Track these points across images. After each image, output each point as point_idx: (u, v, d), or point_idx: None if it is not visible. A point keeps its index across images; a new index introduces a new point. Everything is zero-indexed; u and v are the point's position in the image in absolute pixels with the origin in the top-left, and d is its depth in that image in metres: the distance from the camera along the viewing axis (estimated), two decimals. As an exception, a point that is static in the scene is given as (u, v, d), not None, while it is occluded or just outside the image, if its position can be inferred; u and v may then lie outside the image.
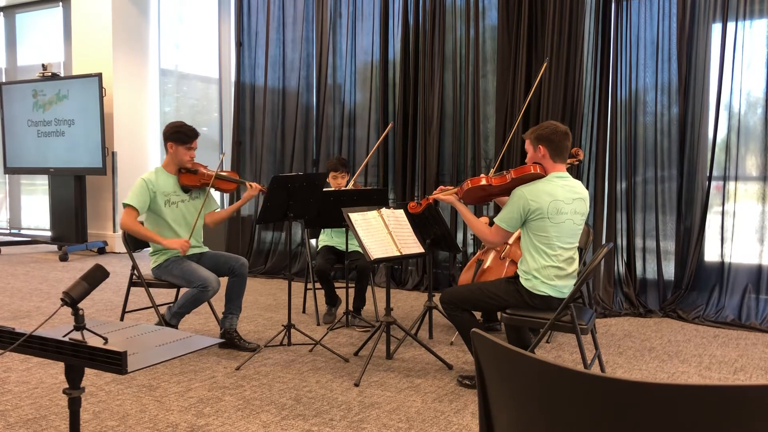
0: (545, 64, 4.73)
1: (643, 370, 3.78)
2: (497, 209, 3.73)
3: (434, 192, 3.61)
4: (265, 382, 3.49)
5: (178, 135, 4.06)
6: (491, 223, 3.40)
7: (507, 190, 3.38)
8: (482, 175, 3.44)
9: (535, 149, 3.31)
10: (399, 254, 3.62)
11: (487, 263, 4.38)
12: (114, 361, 1.59)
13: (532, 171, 3.29)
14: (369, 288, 4.94)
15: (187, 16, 8.52)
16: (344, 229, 4.71)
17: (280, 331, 4.13)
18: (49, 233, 8.55)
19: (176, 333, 1.98)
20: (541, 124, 3.37)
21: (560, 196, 3.23)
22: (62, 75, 8.70)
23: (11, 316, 4.93)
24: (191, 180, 4.10)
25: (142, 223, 4.05)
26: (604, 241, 5.35)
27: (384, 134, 5.50)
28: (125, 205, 3.94)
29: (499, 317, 4.48)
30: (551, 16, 5.36)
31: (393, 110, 6.37)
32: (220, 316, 4.14)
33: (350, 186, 4.95)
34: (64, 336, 1.71)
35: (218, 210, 4.30)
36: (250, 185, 4.15)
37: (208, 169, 4.18)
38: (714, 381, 3.57)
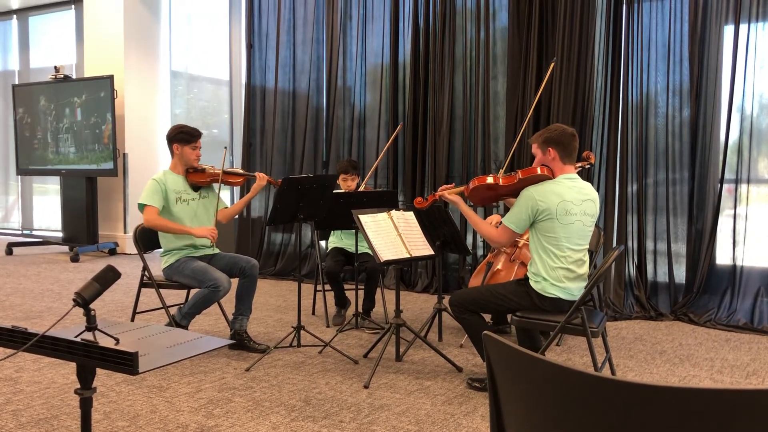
0: (552, 64, 4.71)
1: (654, 374, 3.76)
2: (508, 210, 3.74)
3: (440, 189, 3.59)
4: (274, 383, 3.49)
5: (182, 135, 4.10)
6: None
7: (515, 191, 3.37)
8: (491, 174, 3.43)
9: (544, 152, 3.31)
10: (408, 256, 3.62)
11: (498, 266, 4.37)
12: (126, 362, 1.60)
13: (540, 172, 3.29)
14: (378, 290, 4.94)
15: (197, 19, 8.56)
16: (354, 230, 4.72)
17: (290, 333, 4.14)
18: (60, 234, 8.61)
19: (187, 334, 1.99)
20: (548, 127, 3.36)
21: (569, 197, 3.22)
22: (74, 77, 8.76)
23: (23, 316, 4.96)
24: (200, 178, 4.13)
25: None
26: (615, 244, 5.33)
27: (394, 135, 5.50)
28: (143, 206, 3.96)
29: (508, 320, 4.47)
30: (562, 18, 5.35)
31: (403, 112, 6.37)
32: (230, 317, 4.15)
33: (360, 188, 4.95)
34: (76, 336, 1.71)
35: (228, 207, 4.32)
36: (258, 176, 4.17)
37: (214, 168, 4.21)
38: (726, 385, 3.55)
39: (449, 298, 3.49)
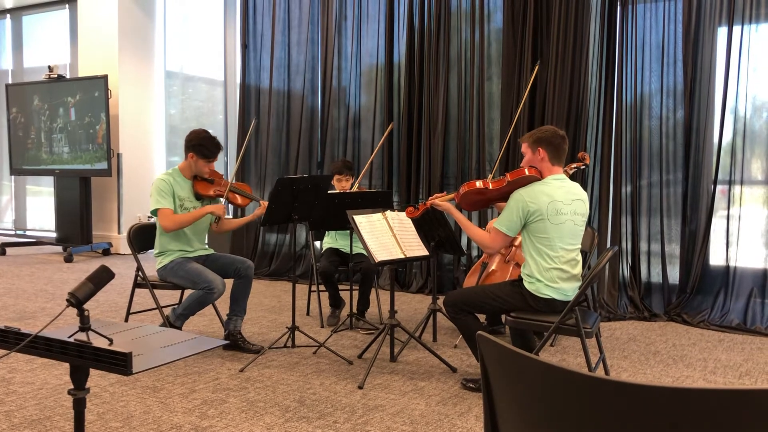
0: (537, 67, 4.71)
1: (648, 374, 3.77)
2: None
3: (430, 198, 3.61)
4: (269, 384, 3.49)
5: (202, 149, 3.97)
6: None
7: (505, 194, 3.38)
8: (480, 179, 3.44)
9: (534, 152, 3.32)
10: (403, 257, 3.62)
11: (493, 266, 4.38)
12: (119, 362, 1.60)
13: (527, 173, 3.30)
14: (373, 290, 4.94)
15: (192, 19, 8.54)
16: (348, 231, 4.72)
17: (284, 333, 4.13)
18: (54, 234, 8.58)
19: (181, 334, 1.99)
20: (540, 127, 3.38)
21: (558, 197, 3.24)
22: (68, 77, 8.73)
23: (16, 316, 4.94)
24: (206, 189, 4.07)
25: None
26: (609, 245, 5.34)
27: (385, 135, 5.49)
28: (155, 212, 3.91)
29: (503, 320, 4.47)
30: (556, 20, 5.36)
31: (398, 113, 6.37)
32: (225, 317, 4.14)
33: (355, 188, 4.95)
34: (69, 337, 1.71)
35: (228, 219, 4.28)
36: (263, 203, 4.05)
37: (223, 180, 4.16)
38: (719, 385, 3.56)
39: (444, 298, 3.49)
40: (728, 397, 0.92)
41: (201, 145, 3.97)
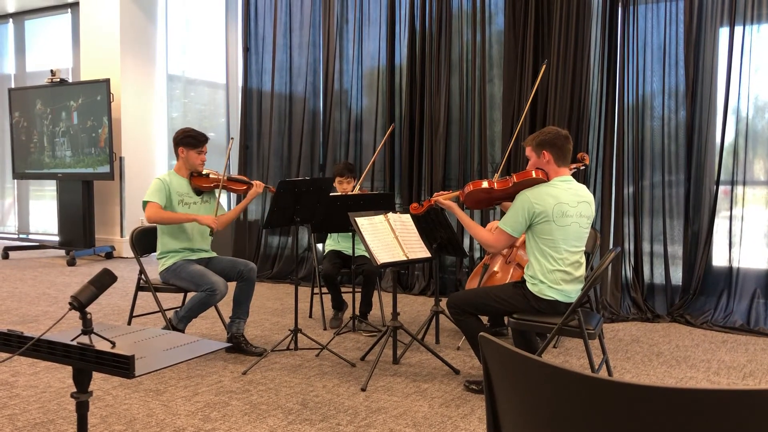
0: (544, 66, 4.71)
1: (651, 376, 3.76)
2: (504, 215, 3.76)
3: (435, 194, 3.61)
4: (271, 386, 3.49)
5: (189, 139, 4.11)
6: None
7: (510, 195, 3.38)
8: (486, 178, 3.44)
9: (538, 155, 3.31)
10: (406, 259, 3.62)
11: (494, 268, 4.37)
12: (122, 365, 1.60)
13: (534, 176, 3.29)
14: (375, 292, 4.94)
15: (194, 22, 8.56)
16: (351, 233, 4.72)
17: (287, 336, 4.13)
18: (56, 238, 8.59)
19: (183, 337, 1.99)
20: (542, 129, 3.37)
21: (564, 199, 3.23)
22: (70, 81, 8.75)
23: (19, 320, 4.95)
24: (203, 182, 4.15)
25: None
26: (611, 246, 5.33)
27: (386, 136, 5.49)
28: (146, 203, 3.98)
29: (506, 322, 4.47)
30: (558, 21, 5.36)
31: (399, 115, 6.37)
32: (227, 320, 4.14)
33: (356, 191, 4.95)
34: (72, 340, 1.71)
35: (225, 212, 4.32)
36: (255, 183, 4.18)
37: (218, 174, 4.21)
38: (723, 386, 3.55)
39: (446, 300, 3.48)
40: (732, 398, 0.92)
41: (187, 136, 4.12)
